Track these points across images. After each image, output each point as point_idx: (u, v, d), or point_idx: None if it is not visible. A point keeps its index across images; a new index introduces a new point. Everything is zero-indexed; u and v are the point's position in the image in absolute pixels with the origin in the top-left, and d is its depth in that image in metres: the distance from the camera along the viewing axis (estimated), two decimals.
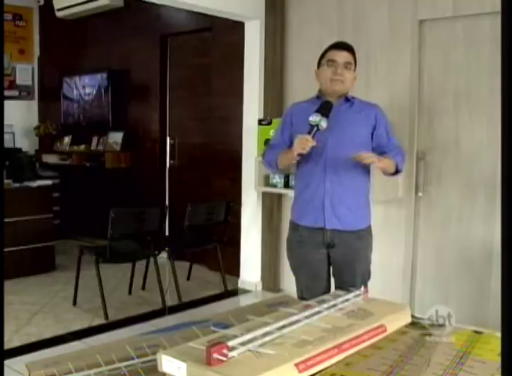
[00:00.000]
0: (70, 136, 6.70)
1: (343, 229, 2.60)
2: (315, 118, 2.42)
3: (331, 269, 2.74)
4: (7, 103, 6.23)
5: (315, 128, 2.43)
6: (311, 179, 2.61)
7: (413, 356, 1.21)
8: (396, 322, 1.38)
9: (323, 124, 2.42)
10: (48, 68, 6.98)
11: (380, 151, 2.59)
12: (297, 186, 2.77)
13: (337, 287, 2.71)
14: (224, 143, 5.09)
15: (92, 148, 6.41)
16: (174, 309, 4.19)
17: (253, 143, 4.44)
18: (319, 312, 1.34)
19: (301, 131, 2.56)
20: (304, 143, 2.42)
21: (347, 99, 2.64)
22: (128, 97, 6.16)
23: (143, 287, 4.62)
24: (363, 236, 2.67)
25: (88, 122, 6.48)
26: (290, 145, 2.69)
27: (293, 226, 2.72)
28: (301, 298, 2.50)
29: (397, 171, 2.61)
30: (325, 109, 2.47)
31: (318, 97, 2.67)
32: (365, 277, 2.73)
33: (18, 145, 6.63)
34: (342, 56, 2.59)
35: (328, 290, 2.76)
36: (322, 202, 2.58)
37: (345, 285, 2.61)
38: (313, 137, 2.43)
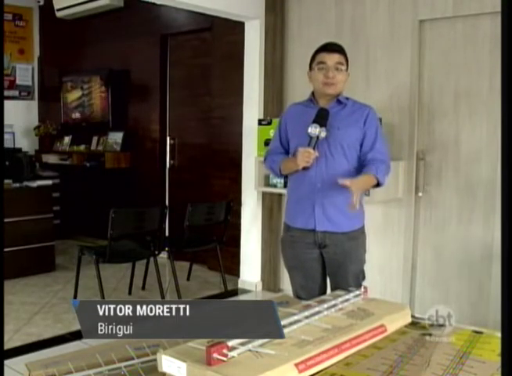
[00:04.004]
0: (70, 136, 6.70)
1: (334, 231, 2.60)
2: (314, 130, 2.44)
3: (326, 268, 2.75)
4: (7, 103, 6.23)
5: (316, 140, 2.45)
6: (302, 181, 2.61)
7: (413, 356, 1.21)
8: (396, 322, 1.38)
9: (322, 134, 2.45)
10: (48, 68, 6.98)
11: (363, 159, 2.58)
12: (289, 188, 2.79)
13: (332, 287, 2.72)
14: (224, 143, 5.09)
15: (92, 148, 6.41)
16: None
17: (253, 143, 4.44)
18: (319, 312, 1.34)
19: (296, 136, 2.60)
20: (307, 157, 2.45)
21: (339, 101, 2.63)
22: (128, 97, 6.16)
23: (143, 287, 4.62)
24: (355, 236, 2.65)
25: (88, 122, 6.48)
26: (288, 148, 2.71)
27: (286, 227, 2.74)
28: (297, 297, 2.51)
29: (378, 185, 2.57)
30: (322, 118, 2.48)
31: (311, 100, 2.68)
32: (359, 278, 2.71)
33: (18, 145, 6.62)
34: (332, 58, 2.56)
35: (323, 289, 2.77)
36: (312, 204, 2.59)
37: (339, 285, 2.62)
38: (314, 148, 2.45)
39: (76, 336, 3.56)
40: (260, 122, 4.34)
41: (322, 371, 1.12)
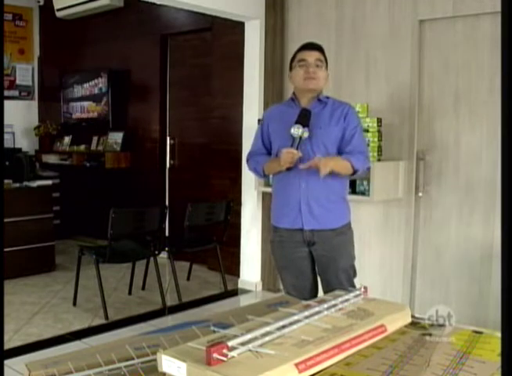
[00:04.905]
0: (70, 136, 6.70)
1: (321, 229, 2.63)
2: (296, 130, 2.47)
3: (316, 266, 2.76)
4: (7, 103, 6.23)
5: (299, 140, 2.48)
6: (287, 182, 2.64)
7: (413, 356, 1.21)
8: (396, 322, 1.38)
9: (305, 134, 2.48)
10: (48, 68, 6.98)
11: (342, 152, 2.61)
12: (274, 189, 2.82)
13: (323, 285, 2.73)
14: (224, 143, 5.09)
15: (92, 148, 6.41)
16: (174, 309, 4.19)
17: None
18: (319, 312, 1.34)
19: (279, 137, 2.63)
20: (291, 157, 2.48)
21: (320, 100, 2.66)
22: (128, 97, 6.16)
23: (143, 287, 4.62)
24: (343, 232, 2.69)
25: (88, 122, 6.48)
26: (270, 148, 2.73)
27: (273, 228, 2.78)
28: None
29: (355, 172, 2.58)
30: (304, 119, 2.50)
31: (292, 99, 2.72)
32: (350, 274, 2.73)
33: (18, 145, 6.63)
34: (312, 55, 2.63)
35: (315, 287, 2.78)
36: (298, 203, 2.62)
37: (330, 282, 2.65)
38: (297, 148, 2.48)
39: (76, 336, 3.57)
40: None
41: (322, 371, 1.11)
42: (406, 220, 3.91)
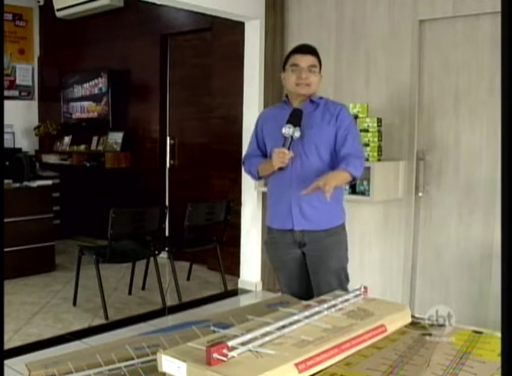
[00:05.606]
0: (70, 136, 6.70)
1: (312, 229, 2.62)
2: (288, 130, 2.46)
3: (308, 268, 2.75)
4: (7, 103, 6.23)
5: (290, 140, 2.48)
6: (279, 182, 2.64)
7: (413, 356, 1.21)
8: (396, 322, 1.38)
9: (297, 134, 2.47)
10: (48, 68, 6.98)
11: (337, 155, 2.58)
12: (268, 190, 2.83)
13: (314, 288, 2.72)
14: (224, 143, 5.09)
15: (92, 148, 6.41)
16: (174, 309, 4.19)
17: None
18: (319, 312, 1.34)
19: (272, 138, 2.63)
20: (282, 157, 2.47)
21: (312, 101, 2.65)
22: (128, 97, 6.16)
23: (143, 287, 4.62)
24: (335, 233, 2.67)
25: (88, 122, 6.48)
26: (265, 150, 2.73)
27: (268, 229, 2.78)
28: None
29: (354, 179, 2.54)
30: (295, 118, 2.50)
31: (285, 101, 2.72)
32: (342, 277, 2.70)
33: (18, 145, 6.63)
34: (305, 60, 2.60)
35: (310, 288, 2.77)
36: (289, 204, 2.61)
37: (321, 284, 2.63)
38: (289, 148, 2.48)
39: (76, 336, 3.57)
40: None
41: (322, 371, 1.11)
42: (406, 220, 3.91)
